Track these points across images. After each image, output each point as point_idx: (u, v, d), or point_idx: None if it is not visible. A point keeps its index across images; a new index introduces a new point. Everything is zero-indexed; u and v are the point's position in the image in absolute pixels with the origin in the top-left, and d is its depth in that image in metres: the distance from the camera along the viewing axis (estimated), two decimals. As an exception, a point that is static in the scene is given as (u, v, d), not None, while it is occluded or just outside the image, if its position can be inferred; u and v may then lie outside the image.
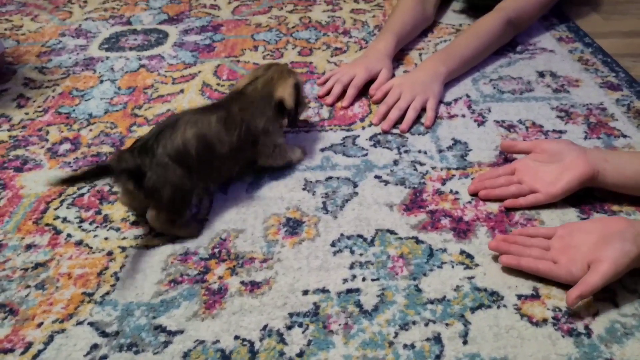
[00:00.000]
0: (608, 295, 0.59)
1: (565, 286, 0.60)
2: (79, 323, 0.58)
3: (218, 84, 1.00)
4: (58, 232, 0.70)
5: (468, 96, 0.94)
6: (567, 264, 0.60)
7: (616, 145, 0.81)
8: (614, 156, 0.70)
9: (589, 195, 0.71)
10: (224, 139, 0.67)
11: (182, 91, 0.99)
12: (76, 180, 0.63)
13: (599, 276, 0.55)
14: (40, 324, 0.58)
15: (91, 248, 0.67)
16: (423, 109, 0.89)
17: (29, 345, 0.56)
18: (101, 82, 1.03)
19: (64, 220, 0.72)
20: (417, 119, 0.88)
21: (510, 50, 1.07)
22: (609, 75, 0.99)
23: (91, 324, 0.58)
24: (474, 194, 0.73)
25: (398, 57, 1.07)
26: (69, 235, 0.69)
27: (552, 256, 0.61)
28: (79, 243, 0.68)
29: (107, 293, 0.61)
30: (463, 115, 0.90)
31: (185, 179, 0.64)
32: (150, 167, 0.62)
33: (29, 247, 0.68)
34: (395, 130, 0.87)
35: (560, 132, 0.85)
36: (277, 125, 0.75)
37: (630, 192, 0.70)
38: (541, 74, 1.00)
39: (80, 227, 0.70)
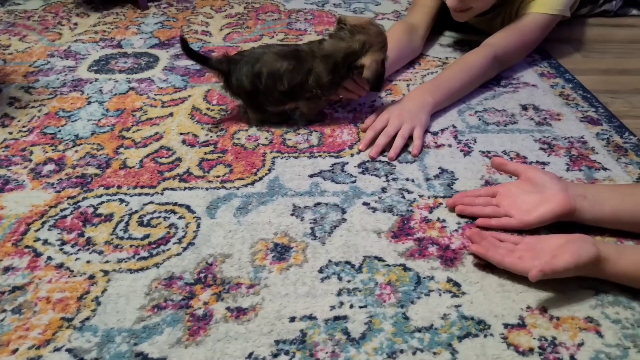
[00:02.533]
0: (592, 325, 0.60)
1: (550, 318, 0.60)
2: (57, 349, 0.56)
3: (208, 109, 1.01)
4: (38, 254, 0.68)
5: (454, 127, 0.96)
6: (531, 259, 0.64)
7: (597, 178, 0.83)
8: (593, 192, 0.71)
9: (572, 225, 0.72)
10: (285, 83, 0.88)
11: (171, 114, 0.99)
12: (185, 52, 0.91)
13: (561, 262, 0.60)
14: (15, 350, 0.56)
15: (72, 271, 0.66)
16: (410, 137, 0.90)
17: (3, 371, 0.54)
18: (89, 103, 1.03)
19: (45, 242, 0.70)
20: (404, 148, 0.89)
21: (494, 83, 1.10)
22: (589, 110, 1.02)
23: (69, 350, 0.56)
24: (452, 208, 0.76)
25: (387, 88, 1.09)
26: (49, 258, 0.67)
27: (518, 255, 0.65)
28: (60, 266, 0.66)
29: (87, 318, 0.60)
30: (449, 145, 0.91)
31: (254, 93, 0.89)
32: (234, 76, 0.88)
33: (6, 269, 0.66)
34: (383, 158, 0.88)
35: (544, 163, 0.86)
36: (335, 84, 0.91)
37: (608, 226, 0.71)
38: (524, 107, 1.03)
39: (61, 249, 0.69)
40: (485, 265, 0.67)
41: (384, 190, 0.80)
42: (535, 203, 0.71)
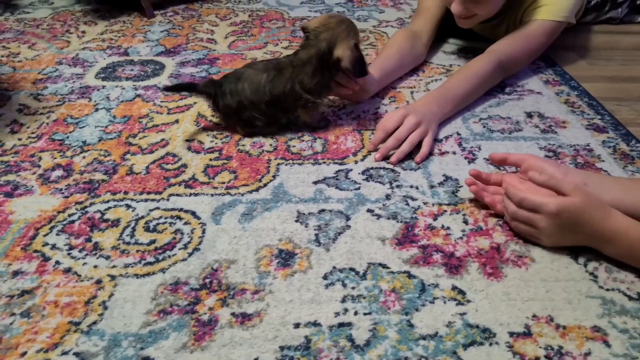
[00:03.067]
0: (599, 334, 0.59)
1: (557, 327, 0.60)
2: (64, 353, 0.57)
3: (213, 115, 1.02)
4: (46, 259, 0.69)
5: (459, 134, 0.96)
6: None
7: (603, 185, 0.82)
8: (595, 180, 0.72)
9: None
10: (267, 92, 0.89)
11: (177, 121, 1.00)
12: (170, 90, 1.01)
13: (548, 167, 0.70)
14: (24, 354, 0.56)
15: (80, 276, 0.66)
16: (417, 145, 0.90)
17: (11, 375, 0.54)
18: (96, 110, 1.04)
19: (53, 247, 0.71)
20: (408, 155, 0.89)
21: (499, 91, 1.11)
22: (594, 118, 1.02)
23: (77, 354, 0.56)
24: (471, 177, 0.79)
25: (390, 95, 1.09)
26: (57, 263, 0.68)
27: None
28: (68, 270, 0.67)
29: (95, 322, 0.60)
30: (454, 152, 0.91)
31: (240, 111, 0.91)
32: (220, 97, 0.91)
33: (15, 273, 0.66)
34: (387, 165, 0.88)
35: (549, 171, 0.86)
36: (325, 86, 0.92)
37: None
38: (529, 115, 1.03)
39: (69, 254, 0.69)
40: (490, 273, 0.67)
41: (388, 197, 0.80)
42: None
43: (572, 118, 1.02)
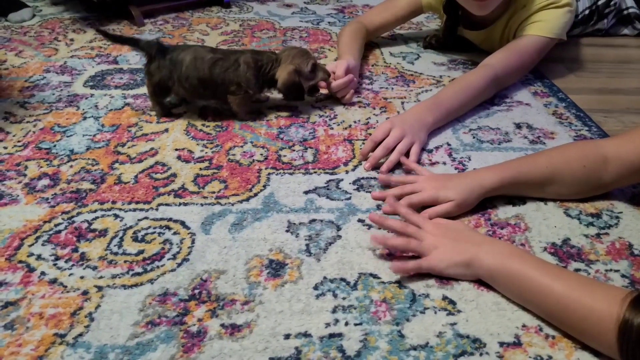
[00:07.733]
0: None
1: (546, 336, 0.60)
2: (49, 366, 0.55)
3: (203, 124, 1.01)
4: (31, 269, 0.67)
5: (449, 144, 0.97)
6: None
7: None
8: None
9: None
10: (205, 70, 0.95)
11: (166, 130, 0.99)
12: (109, 38, 1.02)
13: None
14: (6, 367, 0.55)
15: (65, 287, 0.65)
16: (406, 154, 0.90)
17: (-7, 389, 0.53)
18: (84, 118, 1.03)
19: (39, 257, 0.69)
20: (398, 164, 0.89)
21: (488, 102, 1.11)
22: (582, 129, 1.03)
23: (61, 367, 0.55)
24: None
25: (382, 105, 1.10)
26: (42, 273, 0.67)
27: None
28: (53, 281, 0.66)
29: (81, 334, 0.59)
30: (444, 163, 0.92)
31: (167, 78, 0.96)
32: (156, 60, 0.95)
33: (-1, 284, 0.65)
34: (378, 175, 0.88)
35: (538, 181, 0.87)
36: (260, 80, 1.00)
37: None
38: (518, 126, 1.04)
39: (55, 264, 0.68)
40: (480, 283, 0.67)
41: (378, 207, 0.80)
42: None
43: (560, 129, 1.03)
